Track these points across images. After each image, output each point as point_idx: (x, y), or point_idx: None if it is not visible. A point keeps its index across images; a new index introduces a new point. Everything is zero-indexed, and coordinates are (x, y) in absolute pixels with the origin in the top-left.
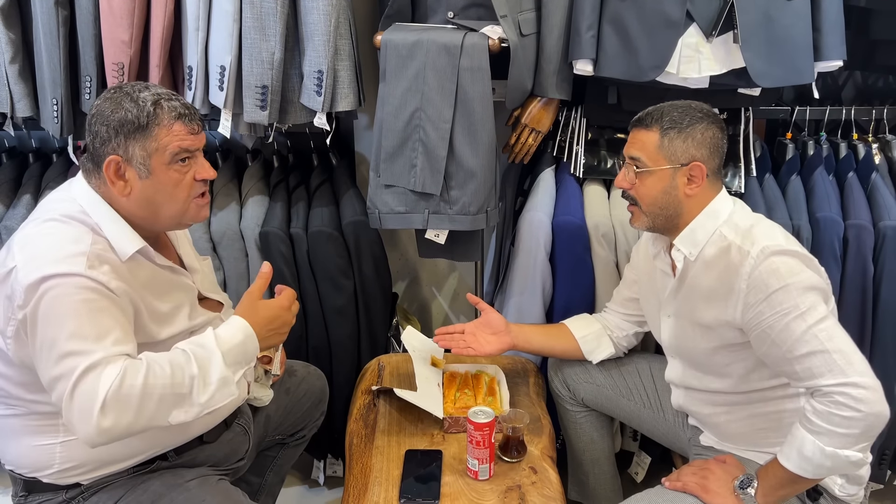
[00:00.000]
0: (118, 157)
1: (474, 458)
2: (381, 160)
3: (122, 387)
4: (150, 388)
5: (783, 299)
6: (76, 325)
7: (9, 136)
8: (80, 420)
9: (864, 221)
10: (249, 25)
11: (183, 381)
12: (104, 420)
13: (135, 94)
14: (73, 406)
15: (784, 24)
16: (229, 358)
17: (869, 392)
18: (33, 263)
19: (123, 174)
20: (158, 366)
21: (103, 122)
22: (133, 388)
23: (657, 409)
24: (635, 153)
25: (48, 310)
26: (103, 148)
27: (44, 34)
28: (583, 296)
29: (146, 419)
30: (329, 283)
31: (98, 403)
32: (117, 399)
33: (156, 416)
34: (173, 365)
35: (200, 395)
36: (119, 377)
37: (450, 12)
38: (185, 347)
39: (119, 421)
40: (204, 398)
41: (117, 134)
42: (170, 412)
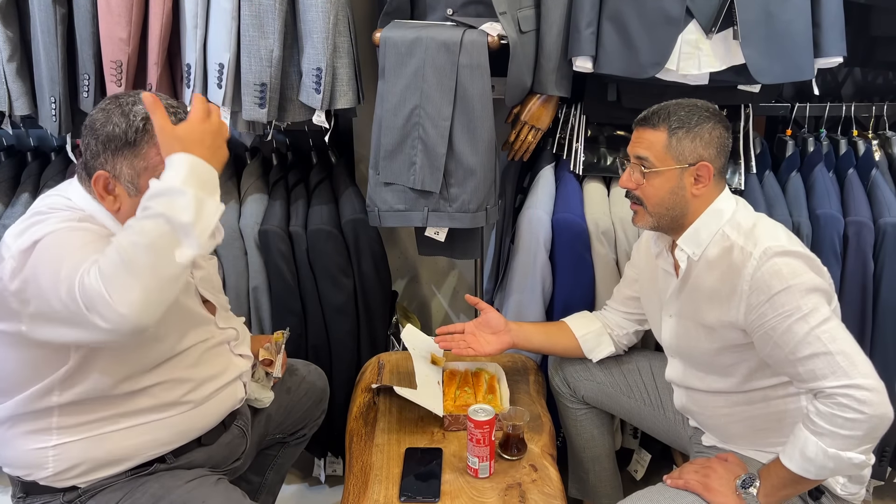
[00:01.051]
0: (106, 174)
1: (474, 455)
2: (380, 158)
3: (107, 267)
4: (130, 247)
5: (786, 301)
6: (70, 256)
7: (7, 135)
8: (105, 319)
9: (865, 218)
10: (248, 23)
11: (156, 224)
12: (120, 303)
13: (127, 107)
14: (92, 313)
15: (784, 20)
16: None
17: (872, 394)
18: (22, 237)
19: (113, 190)
20: (126, 231)
21: (93, 135)
22: (117, 261)
23: (657, 406)
24: (642, 153)
25: (44, 259)
26: (93, 161)
27: (41, 32)
28: (582, 294)
29: (153, 275)
30: (329, 281)
31: (105, 295)
32: (112, 278)
33: (158, 266)
34: (138, 220)
35: (184, 217)
36: (99, 264)
37: (449, 9)
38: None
39: (132, 294)
40: (188, 217)
41: (105, 149)
42: (170, 254)
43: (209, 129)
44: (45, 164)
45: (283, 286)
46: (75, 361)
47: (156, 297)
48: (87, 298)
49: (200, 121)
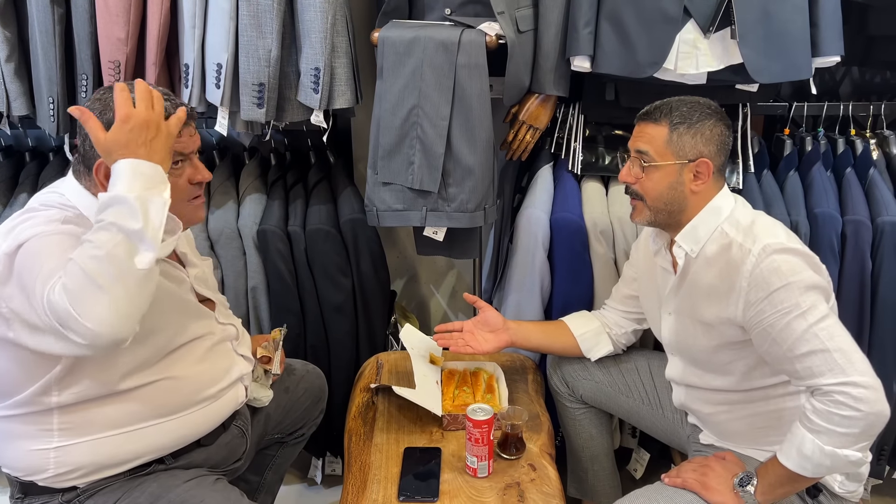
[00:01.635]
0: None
1: (473, 455)
2: (378, 158)
3: (71, 285)
4: (90, 262)
5: (784, 298)
6: (48, 262)
7: (5, 135)
8: (79, 335)
9: (862, 217)
10: (246, 23)
11: (110, 235)
12: (90, 318)
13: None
14: (68, 332)
15: (782, 19)
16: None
17: (869, 391)
18: (8, 238)
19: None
20: (83, 246)
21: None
22: (79, 277)
23: (656, 406)
24: (643, 147)
25: (25, 265)
26: (93, 151)
27: (39, 32)
28: (581, 293)
29: (118, 285)
30: (327, 280)
31: (74, 313)
32: (77, 296)
33: (122, 275)
34: (92, 234)
35: (132, 224)
36: (62, 283)
37: (447, 9)
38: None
39: (99, 308)
40: (137, 223)
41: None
42: (130, 262)
43: (136, 125)
44: (43, 164)
45: (281, 286)
46: (69, 360)
47: (125, 307)
48: (57, 316)
49: (124, 121)
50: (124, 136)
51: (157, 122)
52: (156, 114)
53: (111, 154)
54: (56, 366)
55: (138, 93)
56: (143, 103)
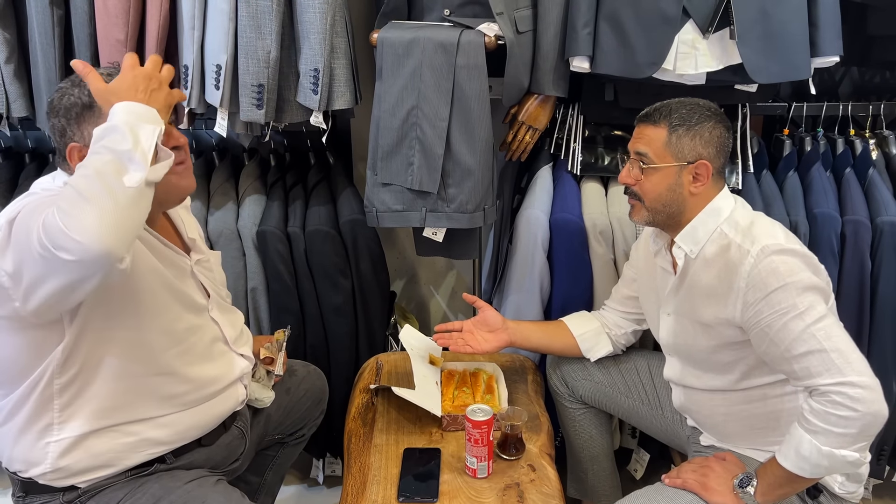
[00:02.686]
0: (78, 144)
1: (473, 455)
2: (377, 158)
3: (62, 203)
4: (80, 180)
5: (782, 298)
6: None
7: (5, 137)
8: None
9: (862, 217)
10: (245, 24)
11: (99, 156)
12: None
13: (77, 79)
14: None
15: (780, 19)
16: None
17: (866, 391)
18: (9, 210)
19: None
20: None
21: (55, 114)
22: (69, 195)
23: (656, 406)
24: (642, 149)
25: (21, 220)
26: (63, 139)
27: (39, 34)
28: (581, 293)
29: (105, 199)
30: (327, 281)
31: (63, 227)
32: (68, 212)
33: (109, 191)
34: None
35: (121, 144)
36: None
37: (446, 10)
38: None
39: (87, 221)
40: (126, 144)
41: (69, 120)
42: (118, 180)
43: (140, 74)
44: (42, 165)
45: (281, 287)
46: (71, 336)
47: (112, 220)
48: (49, 237)
49: (130, 68)
50: (127, 81)
51: (161, 80)
52: (162, 74)
53: (109, 99)
54: (59, 344)
55: (150, 59)
56: (152, 63)
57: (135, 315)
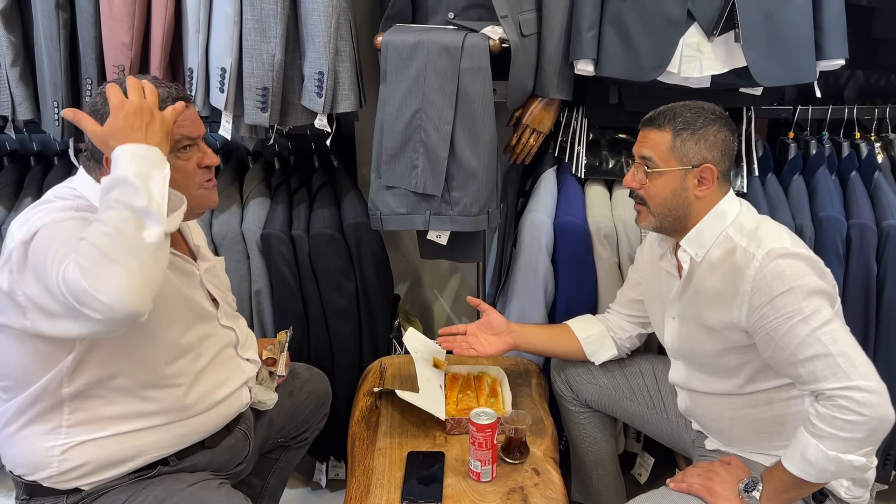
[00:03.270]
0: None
1: (477, 459)
2: (382, 161)
3: (84, 262)
4: (101, 237)
5: (787, 302)
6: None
7: (10, 140)
8: (96, 311)
9: (868, 221)
10: (250, 27)
11: (115, 211)
12: (105, 292)
13: (124, 84)
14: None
15: (786, 22)
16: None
17: (873, 396)
18: (22, 230)
19: None
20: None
21: (98, 117)
22: (91, 254)
23: (660, 410)
24: (646, 153)
25: (40, 246)
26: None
27: (44, 37)
28: (585, 297)
29: (129, 258)
30: (331, 284)
31: (89, 289)
32: (92, 272)
33: (132, 249)
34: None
35: (137, 201)
36: (75, 261)
37: (450, 13)
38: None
39: (113, 282)
40: (142, 200)
41: None
42: (139, 236)
43: (130, 112)
44: (47, 168)
45: (285, 290)
46: (82, 348)
47: (138, 280)
48: (73, 294)
49: (118, 108)
50: (119, 122)
51: (151, 109)
52: (148, 102)
53: (108, 144)
54: (68, 356)
55: (129, 85)
56: (135, 92)
57: (147, 325)
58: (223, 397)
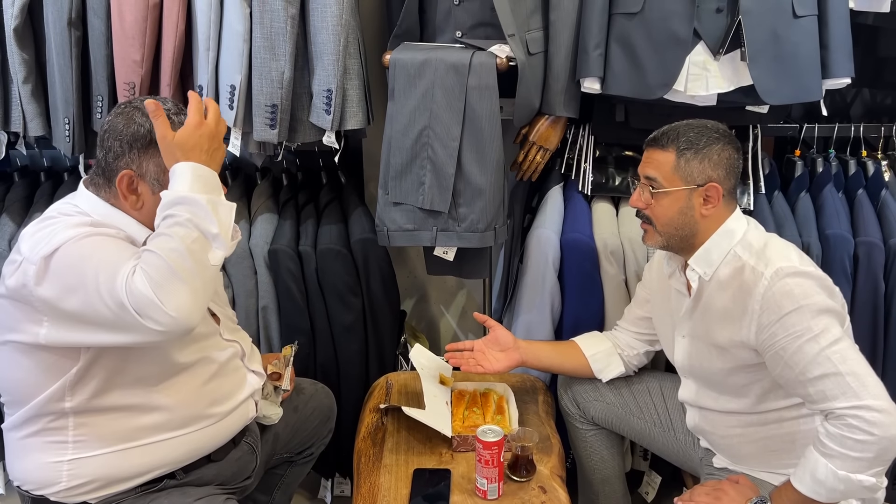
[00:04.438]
0: (131, 172)
1: (483, 477)
2: (389, 178)
3: (155, 274)
4: (174, 255)
5: (796, 321)
6: (99, 259)
7: (21, 156)
8: (157, 322)
9: (875, 239)
10: (259, 45)
11: (188, 230)
12: (170, 307)
13: (144, 108)
14: (145, 319)
15: (792, 41)
16: (197, 191)
17: (882, 415)
18: (41, 243)
19: (136, 188)
20: (161, 239)
21: (116, 137)
22: (164, 267)
23: (668, 427)
24: (651, 173)
25: (69, 263)
26: (116, 162)
27: (57, 55)
28: (592, 314)
29: (197, 278)
30: (337, 300)
31: (156, 300)
32: (161, 285)
33: (199, 270)
34: (169, 228)
35: (210, 227)
36: (144, 272)
37: (458, 32)
38: (162, 214)
39: (180, 298)
40: (215, 228)
41: (131, 149)
42: (206, 258)
43: (206, 133)
44: (57, 184)
45: (292, 305)
46: (87, 359)
47: (201, 298)
48: (137, 304)
49: (196, 126)
50: (193, 139)
51: (221, 136)
52: (221, 130)
53: (174, 154)
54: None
55: (210, 108)
56: (213, 116)
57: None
58: (229, 409)
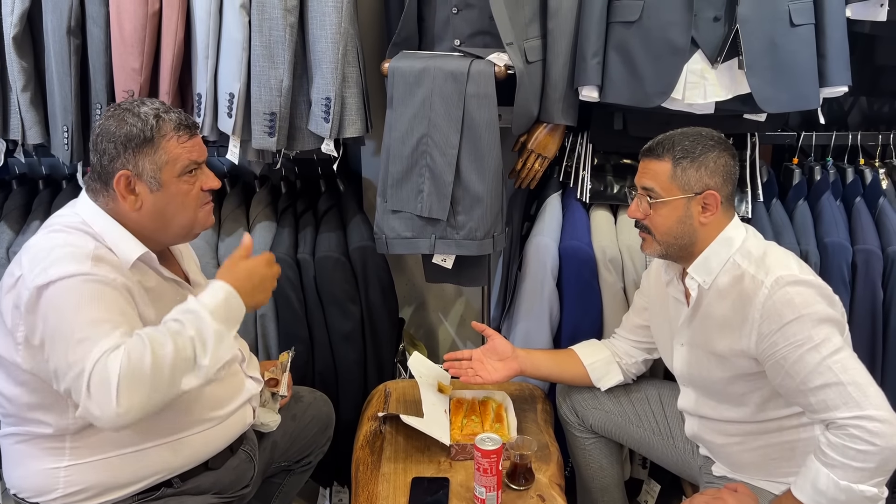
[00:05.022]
0: (128, 172)
1: (482, 485)
2: (388, 186)
3: (131, 366)
4: (159, 359)
5: (797, 330)
6: (85, 315)
7: (19, 163)
8: (100, 409)
9: (873, 246)
10: (258, 53)
11: (184, 345)
12: (122, 402)
13: (134, 108)
14: (91, 398)
15: (789, 50)
16: (216, 316)
17: (885, 425)
18: (39, 267)
19: (134, 188)
20: (158, 338)
21: (110, 139)
22: (142, 365)
23: (667, 436)
24: (648, 183)
25: (56, 304)
26: (112, 164)
27: (56, 63)
28: (590, 322)
29: (161, 391)
30: (336, 308)
31: (113, 390)
32: (130, 379)
33: (169, 386)
34: (172, 333)
35: (202, 356)
36: (125, 357)
37: (456, 40)
38: (175, 316)
39: (137, 401)
40: (207, 359)
41: (126, 149)
42: (181, 379)
43: (263, 274)
44: (56, 192)
45: (290, 313)
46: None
47: (151, 409)
48: (95, 381)
49: (260, 263)
50: (252, 266)
51: (269, 289)
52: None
53: (230, 271)
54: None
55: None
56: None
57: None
58: (227, 414)
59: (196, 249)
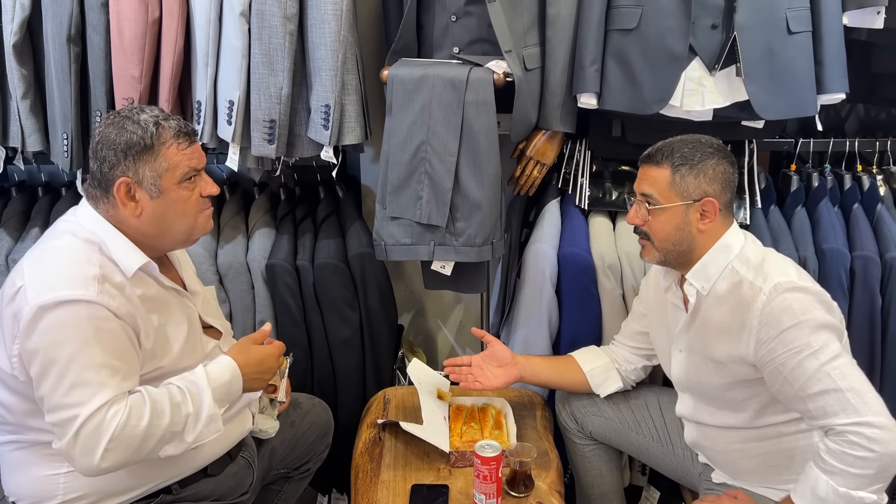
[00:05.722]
0: (128, 179)
1: (481, 492)
2: (387, 192)
3: (127, 428)
4: (152, 428)
5: (795, 337)
6: (86, 357)
7: (19, 171)
8: (82, 456)
9: (871, 253)
10: (258, 61)
11: (179, 420)
12: (105, 459)
13: (134, 116)
14: (77, 444)
15: (786, 57)
16: (216, 395)
17: (883, 432)
18: (43, 283)
19: (134, 195)
20: (160, 406)
21: (110, 147)
22: (136, 430)
23: (666, 442)
24: (647, 190)
25: (57, 336)
26: (112, 172)
27: (55, 70)
28: (589, 328)
29: (142, 455)
30: (335, 314)
31: (102, 445)
32: (120, 440)
33: (150, 452)
34: (172, 404)
35: (190, 433)
36: (124, 417)
37: (455, 48)
38: (180, 385)
39: (118, 459)
40: (192, 437)
41: (126, 156)
42: (162, 447)
43: (269, 365)
44: (55, 199)
45: (289, 320)
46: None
47: (128, 464)
48: (85, 433)
49: (272, 354)
50: (264, 354)
51: (268, 380)
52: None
53: (242, 353)
54: None
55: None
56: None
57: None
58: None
59: (195, 256)
